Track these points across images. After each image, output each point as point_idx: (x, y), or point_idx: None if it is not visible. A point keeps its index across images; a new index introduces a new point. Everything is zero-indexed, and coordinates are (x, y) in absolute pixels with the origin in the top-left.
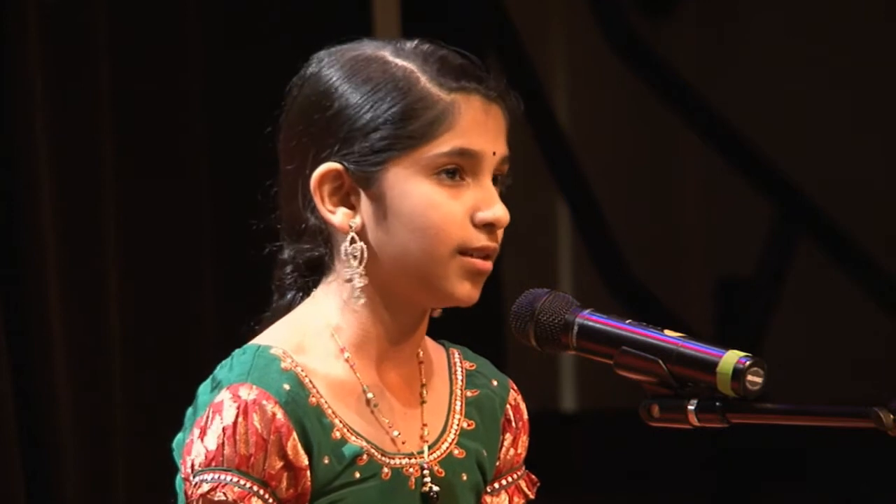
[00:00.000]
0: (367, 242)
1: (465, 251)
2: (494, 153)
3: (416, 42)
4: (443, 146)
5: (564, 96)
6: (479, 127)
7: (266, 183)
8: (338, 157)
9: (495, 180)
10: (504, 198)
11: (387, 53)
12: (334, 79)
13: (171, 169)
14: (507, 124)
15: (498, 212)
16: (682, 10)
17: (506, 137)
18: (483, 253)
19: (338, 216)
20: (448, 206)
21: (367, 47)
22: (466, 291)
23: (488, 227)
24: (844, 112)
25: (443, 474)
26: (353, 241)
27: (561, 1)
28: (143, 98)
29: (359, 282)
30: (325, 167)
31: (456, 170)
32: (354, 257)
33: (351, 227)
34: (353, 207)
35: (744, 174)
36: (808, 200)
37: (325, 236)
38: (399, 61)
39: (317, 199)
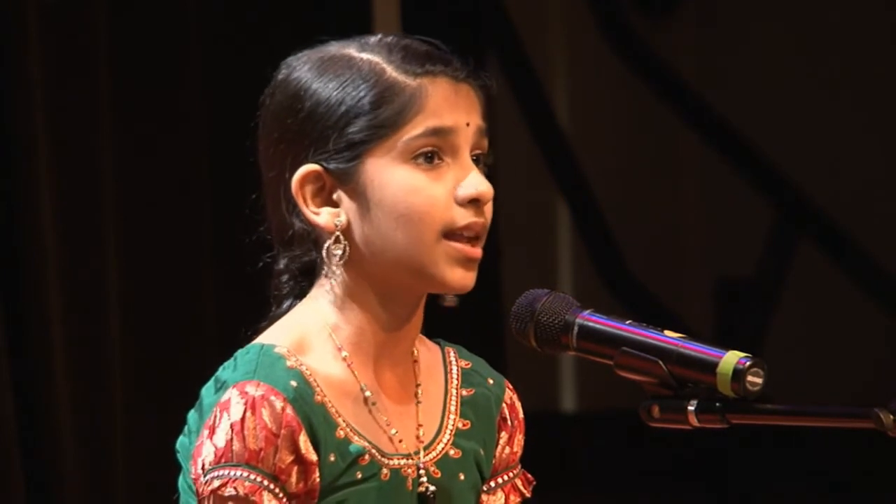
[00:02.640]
0: (353, 239)
1: (451, 233)
2: (468, 124)
3: (379, 36)
4: (415, 129)
5: (564, 96)
6: (448, 104)
7: (252, 196)
8: (315, 157)
9: (477, 161)
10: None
11: (352, 50)
12: (303, 81)
13: (171, 169)
14: (481, 100)
15: (480, 186)
16: (682, 10)
17: (480, 112)
18: (471, 231)
19: (322, 216)
20: (429, 188)
21: (333, 47)
22: (459, 277)
23: (473, 203)
24: (844, 112)
25: (439, 475)
26: (336, 240)
27: (561, 1)
28: (143, 98)
29: (339, 277)
30: (303, 170)
31: (433, 153)
32: (335, 255)
33: (336, 225)
34: (337, 205)
35: (744, 174)
36: (808, 200)
37: (314, 239)
38: (364, 55)
39: (300, 203)
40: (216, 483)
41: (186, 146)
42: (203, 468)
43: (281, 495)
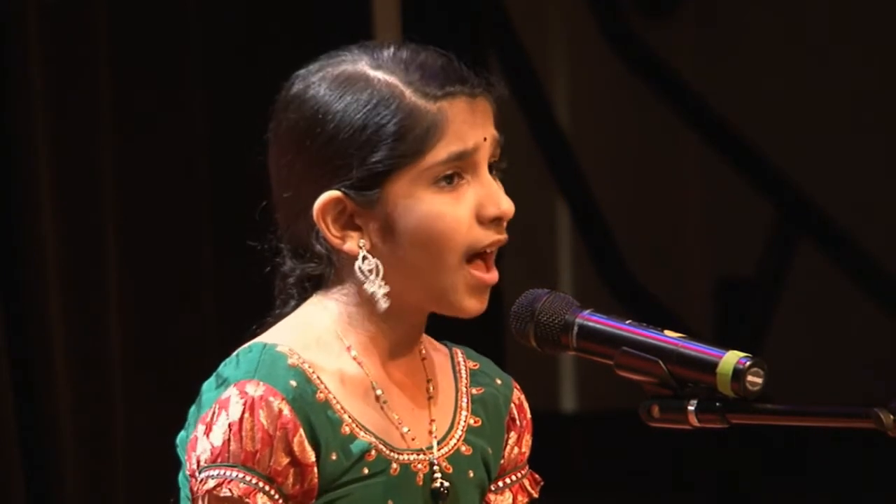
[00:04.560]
0: (375, 258)
1: (474, 253)
2: (485, 139)
3: (392, 49)
4: (438, 155)
5: (564, 96)
6: (467, 125)
7: (255, 200)
8: (336, 184)
9: (491, 168)
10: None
11: (366, 68)
12: (321, 102)
13: (171, 170)
14: (494, 109)
15: (503, 205)
16: (682, 10)
17: (493, 120)
18: (495, 245)
19: (346, 243)
20: (452, 211)
21: (347, 61)
22: (474, 306)
23: (495, 220)
24: (844, 111)
25: (450, 470)
26: (365, 259)
27: (561, 1)
28: (144, 99)
29: (381, 290)
30: (325, 197)
31: (453, 174)
32: (370, 271)
33: (360, 247)
34: (359, 228)
35: (744, 174)
36: (808, 200)
37: (331, 258)
38: (381, 75)
39: (322, 229)
40: (211, 483)
41: (186, 146)
42: (198, 465)
43: (276, 497)
